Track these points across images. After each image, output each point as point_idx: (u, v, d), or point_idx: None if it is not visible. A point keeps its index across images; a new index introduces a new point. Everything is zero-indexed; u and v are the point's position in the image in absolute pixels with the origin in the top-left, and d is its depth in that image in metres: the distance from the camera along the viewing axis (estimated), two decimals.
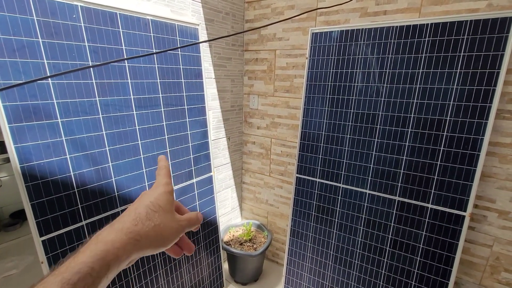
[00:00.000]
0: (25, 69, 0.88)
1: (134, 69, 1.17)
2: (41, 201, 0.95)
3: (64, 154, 0.99)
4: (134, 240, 0.29)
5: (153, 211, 0.32)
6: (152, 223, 0.31)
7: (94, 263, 0.26)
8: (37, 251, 0.96)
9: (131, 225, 0.30)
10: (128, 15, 1.13)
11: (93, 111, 1.06)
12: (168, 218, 0.33)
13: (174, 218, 0.34)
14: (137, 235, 0.30)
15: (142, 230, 0.30)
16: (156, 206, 0.33)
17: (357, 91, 1.36)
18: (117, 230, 0.29)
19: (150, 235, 0.31)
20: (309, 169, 1.55)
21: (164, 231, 0.32)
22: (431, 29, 1.17)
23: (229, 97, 1.86)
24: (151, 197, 0.34)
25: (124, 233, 0.29)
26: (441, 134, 1.19)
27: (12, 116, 0.87)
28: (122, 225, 0.30)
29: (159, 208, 0.33)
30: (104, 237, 0.29)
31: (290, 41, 1.67)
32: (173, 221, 0.34)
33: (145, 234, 0.30)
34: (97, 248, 0.27)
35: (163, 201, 0.34)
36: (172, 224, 0.34)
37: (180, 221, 0.35)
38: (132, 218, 0.31)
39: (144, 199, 0.34)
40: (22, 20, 0.86)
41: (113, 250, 0.28)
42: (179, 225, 0.34)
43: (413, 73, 1.22)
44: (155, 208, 0.33)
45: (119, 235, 0.29)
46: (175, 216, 0.35)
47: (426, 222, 1.25)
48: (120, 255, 0.28)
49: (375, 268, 1.39)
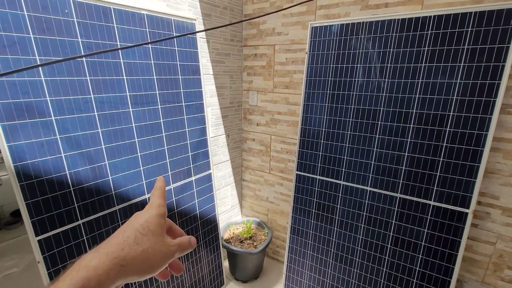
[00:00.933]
0: (17, 66, 0.85)
1: (129, 65, 1.15)
2: (36, 200, 0.94)
3: (59, 152, 0.98)
4: (120, 266, 0.28)
5: (142, 234, 0.31)
6: (140, 247, 0.30)
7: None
8: (33, 250, 0.95)
9: (117, 249, 0.29)
10: (122, 10, 1.10)
11: (88, 109, 1.04)
12: (158, 242, 0.32)
13: (164, 242, 0.33)
14: (123, 260, 0.28)
15: (128, 255, 0.29)
16: (146, 229, 0.31)
17: (358, 87, 1.33)
18: (102, 255, 0.28)
19: (136, 261, 0.29)
20: (309, 166, 1.53)
21: (152, 257, 0.31)
22: (434, 22, 1.13)
23: (228, 93, 1.83)
24: (141, 219, 0.32)
25: (108, 259, 0.28)
26: (444, 129, 1.16)
27: (4, 114, 0.85)
28: (107, 249, 0.28)
29: (149, 232, 0.31)
30: (87, 262, 0.27)
31: (289, 36, 1.63)
32: (163, 246, 0.32)
33: (131, 260, 0.29)
34: (79, 275, 0.26)
35: (154, 224, 0.32)
36: (162, 248, 0.32)
37: (170, 246, 0.33)
38: (119, 241, 0.29)
39: (134, 221, 0.32)
40: (12, 15, 0.84)
41: (95, 277, 0.26)
42: (168, 251, 0.33)
43: (415, 67, 1.19)
44: (144, 232, 0.31)
45: (103, 260, 0.27)
46: (165, 240, 0.33)
47: (428, 220, 1.22)
48: (103, 282, 0.26)
49: (376, 265, 1.37)
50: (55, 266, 1.00)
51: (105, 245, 0.29)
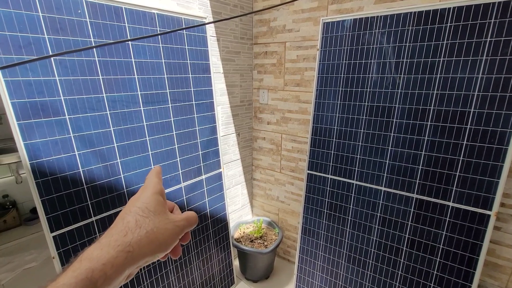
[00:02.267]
0: (32, 65, 0.88)
1: (141, 64, 1.16)
2: (51, 197, 0.96)
3: (72, 150, 1.00)
4: (125, 253, 0.26)
5: (143, 216, 0.29)
6: (143, 230, 0.28)
7: (77, 284, 0.23)
8: (48, 246, 0.98)
9: (120, 237, 0.27)
10: (133, 9, 1.11)
11: (100, 108, 1.06)
12: (162, 220, 0.30)
13: (168, 219, 0.31)
14: (128, 246, 0.27)
15: (133, 239, 0.27)
16: (145, 211, 0.30)
17: (372, 83, 1.29)
18: (103, 245, 0.26)
19: (143, 243, 0.27)
20: (321, 165, 1.50)
21: (159, 235, 0.29)
22: (453, 14, 1.08)
23: (238, 92, 1.82)
24: (138, 202, 0.31)
25: (111, 247, 0.26)
26: (464, 127, 1.10)
27: (21, 113, 0.87)
28: (109, 239, 0.27)
29: (149, 213, 0.30)
30: (88, 254, 0.25)
31: (300, 33, 1.60)
32: (168, 223, 0.30)
33: (137, 244, 0.27)
34: (81, 266, 0.24)
35: (153, 204, 0.31)
36: (168, 226, 0.30)
37: (176, 222, 0.31)
38: (120, 229, 0.28)
39: (131, 205, 0.31)
40: (27, 17, 0.86)
41: (99, 267, 0.24)
42: (175, 226, 0.31)
43: (433, 62, 1.14)
44: (145, 213, 0.29)
45: (105, 250, 0.26)
46: (170, 216, 0.31)
47: (447, 221, 1.17)
48: (108, 273, 0.25)
49: (391, 268, 1.33)
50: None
51: (106, 236, 0.28)
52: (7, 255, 2.07)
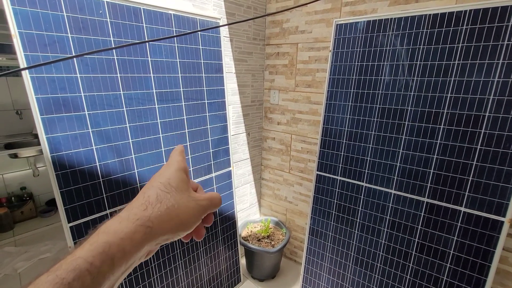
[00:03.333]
0: (56, 63, 0.92)
1: (156, 63, 1.20)
2: (69, 189, 1.00)
3: (90, 145, 1.04)
4: (145, 228, 0.25)
5: (165, 192, 0.28)
6: (164, 205, 0.27)
7: (94, 257, 0.22)
8: (65, 236, 1.02)
9: (139, 211, 0.26)
10: (151, 10, 1.15)
11: (118, 104, 1.10)
12: (184, 197, 0.29)
13: (191, 197, 0.29)
14: (148, 221, 0.25)
15: (153, 214, 0.26)
16: (168, 187, 0.28)
17: (384, 85, 1.29)
18: (122, 219, 0.25)
19: (163, 219, 0.26)
20: (330, 166, 1.50)
21: (181, 213, 0.28)
22: (469, 16, 1.06)
23: (250, 92, 1.84)
24: (161, 177, 0.29)
25: (130, 221, 0.25)
26: (478, 131, 1.09)
27: (44, 108, 0.92)
28: (128, 213, 0.26)
29: (171, 189, 0.28)
30: (107, 227, 0.24)
31: (313, 34, 1.61)
32: (191, 201, 0.29)
33: (157, 219, 0.26)
34: (98, 240, 0.23)
35: (176, 180, 0.29)
36: (190, 204, 0.29)
37: (199, 200, 0.30)
38: (140, 203, 0.27)
39: (153, 181, 0.29)
40: (53, 16, 0.90)
41: (117, 242, 0.23)
42: (198, 205, 0.29)
43: (447, 64, 1.13)
44: (167, 189, 0.28)
45: (124, 223, 0.25)
46: (193, 194, 0.30)
47: (458, 227, 1.15)
48: (126, 248, 0.23)
49: (399, 272, 1.31)
50: None
51: (126, 210, 0.27)
52: (24, 245, 2.16)
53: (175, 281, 1.40)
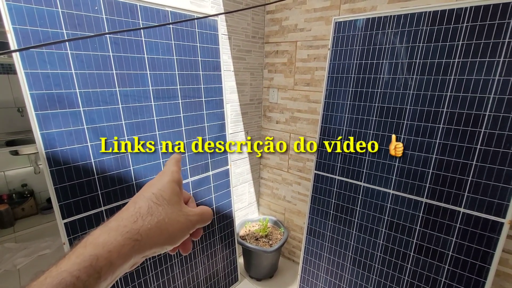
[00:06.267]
0: (51, 59, 0.92)
1: (153, 60, 1.19)
2: (64, 186, 1.00)
3: (85, 141, 1.04)
4: (133, 241, 0.25)
5: (156, 204, 0.28)
6: (154, 218, 0.27)
7: (81, 271, 0.21)
8: (60, 232, 1.02)
9: (129, 223, 0.25)
10: (148, 7, 1.14)
11: (113, 101, 1.10)
12: (175, 211, 0.28)
13: (182, 211, 0.29)
14: (136, 234, 0.25)
15: (142, 227, 0.25)
16: (160, 199, 0.28)
17: (383, 84, 1.27)
18: (111, 230, 0.25)
19: (152, 233, 0.26)
20: (329, 165, 1.48)
21: (169, 227, 0.27)
22: (470, 13, 1.04)
23: (248, 90, 1.83)
24: (154, 187, 0.29)
25: (119, 233, 0.24)
26: (478, 130, 1.06)
27: (39, 104, 0.92)
28: (118, 223, 0.25)
29: (163, 201, 0.28)
30: (94, 238, 0.24)
31: (311, 32, 1.60)
32: (181, 215, 0.29)
33: (146, 232, 0.26)
34: (85, 252, 0.22)
35: (168, 192, 0.29)
36: (180, 218, 0.29)
37: (189, 215, 0.30)
38: (131, 214, 0.26)
39: (146, 190, 0.29)
40: (48, 12, 0.90)
41: (104, 255, 0.23)
42: (187, 220, 0.29)
43: (447, 63, 1.11)
44: (159, 201, 0.28)
45: (113, 235, 0.24)
46: (184, 209, 0.30)
47: (457, 228, 1.13)
48: (114, 261, 0.23)
49: (397, 273, 1.30)
50: None
51: (116, 219, 0.26)
52: (24, 241, 2.17)
53: (171, 279, 1.39)
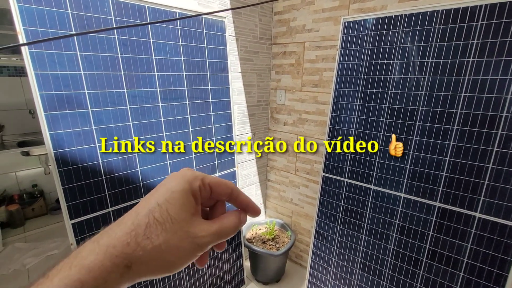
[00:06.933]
0: (60, 60, 0.93)
1: (161, 61, 1.19)
2: (72, 186, 1.01)
3: (93, 142, 1.04)
4: (122, 268, 0.21)
5: (156, 222, 0.23)
6: (150, 243, 0.22)
7: None
8: (67, 233, 1.02)
9: (121, 244, 0.22)
10: (156, 8, 1.15)
11: (121, 102, 1.10)
12: (177, 234, 0.23)
13: (188, 233, 0.24)
14: (126, 259, 0.22)
15: (134, 253, 0.22)
16: (164, 214, 0.23)
17: (394, 84, 1.24)
18: (101, 249, 0.22)
19: (145, 260, 0.22)
20: (337, 168, 1.45)
21: (167, 255, 0.23)
22: (485, 11, 1.01)
23: (255, 91, 1.82)
24: (161, 196, 0.24)
25: (108, 256, 0.21)
26: (494, 132, 1.02)
27: (48, 105, 0.92)
28: (110, 241, 0.22)
29: (167, 218, 0.23)
30: (82, 259, 0.21)
31: (320, 32, 1.58)
32: (185, 240, 0.24)
33: (137, 259, 0.22)
34: (70, 275, 0.20)
35: (176, 206, 0.24)
36: (183, 244, 0.24)
37: (197, 238, 0.24)
38: (125, 231, 0.22)
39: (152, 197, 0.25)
40: (58, 14, 0.91)
41: (90, 281, 0.20)
42: (193, 245, 0.24)
43: (461, 62, 1.07)
44: (162, 217, 0.23)
45: (101, 257, 0.21)
46: (193, 228, 0.24)
47: (473, 233, 1.09)
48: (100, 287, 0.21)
49: (409, 280, 1.25)
50: None
51: (110, 233, 0.23)
52: (33, 241, 2.20)
53: (177, 282, 1.38)
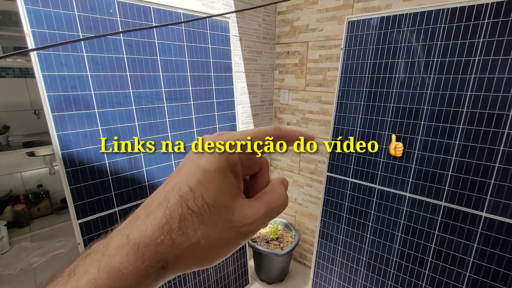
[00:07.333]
0: (67, 61, 0.94)
1: (165, 62, 1.20)
2: (79, 186, 1.02)
3: (100, 142, 1.05)
4: (158, 269, 0.18)
5: (192, 212, 0.18)
6: (187, 239, 0.18)
7: None
8: (75, 233, 1.03)
9: (154, 243, 0.18)
10: (161, 9, 1.15)
11: (127, 103, 1.11)
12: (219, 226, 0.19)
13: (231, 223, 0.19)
14: (162, 261, 0.18)
15: (170, 253, 0.18)
16: (199, 202, 0.18)
17: (399, 83, 1.24)
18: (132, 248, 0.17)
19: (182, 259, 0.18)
20: (342, 167, 1.45)
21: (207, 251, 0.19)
22: (491, 9, 1.00)
23: (259, 91, 1.82)
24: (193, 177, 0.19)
25: (140, 258, 0.17)
26: (501, 131, 1.02)
27: (55, 106, 0.93)
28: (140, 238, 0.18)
29: (204, 206, 0.19)
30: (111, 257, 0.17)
31: (323, 32, 1.58)
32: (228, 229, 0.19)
33: (174, 259, 0.18)
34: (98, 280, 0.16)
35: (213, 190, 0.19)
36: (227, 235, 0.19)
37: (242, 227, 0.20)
38: (158, 224, 0.18)
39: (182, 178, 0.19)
40: (65, 16, 0.92)
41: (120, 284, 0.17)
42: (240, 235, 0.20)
43: (467, 61, 1.07)
44: (197, 207, 0.18)
45: (132, 260, 0.17)
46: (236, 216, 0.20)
47: (479, 233, 1.08)
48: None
49: (414, 279, 1.25)
50: None
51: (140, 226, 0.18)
52: (39, 241, 2.22)
53: (182, 281, 1.39)
